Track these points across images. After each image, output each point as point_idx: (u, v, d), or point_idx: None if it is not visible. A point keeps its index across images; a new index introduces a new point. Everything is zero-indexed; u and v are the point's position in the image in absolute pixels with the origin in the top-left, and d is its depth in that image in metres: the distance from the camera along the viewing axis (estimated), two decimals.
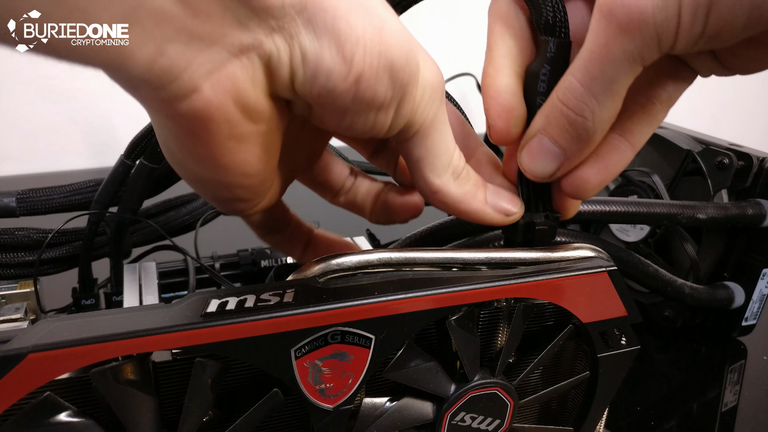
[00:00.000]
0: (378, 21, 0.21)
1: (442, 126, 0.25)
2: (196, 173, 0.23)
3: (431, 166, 0.25)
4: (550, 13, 0.25)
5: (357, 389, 0.23)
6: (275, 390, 0.22)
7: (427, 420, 0.26)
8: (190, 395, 0.21)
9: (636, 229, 0.54)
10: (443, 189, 0.26)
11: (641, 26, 0.22)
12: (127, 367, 0.21)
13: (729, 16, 0.21)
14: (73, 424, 0.21)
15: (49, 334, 0.19)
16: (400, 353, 0.24)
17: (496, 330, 0.27)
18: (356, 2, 0.21)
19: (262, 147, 0.23)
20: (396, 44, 0.21)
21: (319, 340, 0.22)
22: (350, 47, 0.20)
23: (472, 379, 0.26)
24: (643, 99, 0.26)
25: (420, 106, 0.23)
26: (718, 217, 0.47)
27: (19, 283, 0.43)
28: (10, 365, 0.18)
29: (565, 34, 0.25)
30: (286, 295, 0.22)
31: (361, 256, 0.25)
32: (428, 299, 0.23)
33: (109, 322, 0.20)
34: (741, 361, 0.51)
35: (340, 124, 0.23)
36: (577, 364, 0.30)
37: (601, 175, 0.26)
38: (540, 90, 0.26)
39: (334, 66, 0.20)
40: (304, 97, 0.22)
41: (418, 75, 0.23)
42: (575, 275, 0.25)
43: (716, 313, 0.52)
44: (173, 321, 0.20)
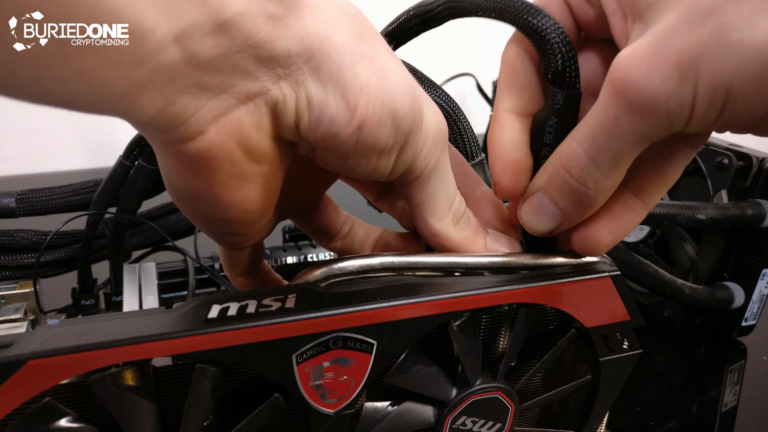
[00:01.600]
0: (382, 70, 0.22)
1: (444, 172, 0.25)
2: (197, 207, 0.24)
3: (431, 210, 0.26)
4: (560, 63, 0.24)
5: (358, 394, 0.23)
6: (276, 395, 0.22)
7: (428, 424, 0.26)
8: (190, 401, 0.21)
9: (636, 229, 0.54)
10: (443, 233, 0.26)
11: (653, 109, 0.21)
12: (127, 373, 0.21)
13: (746, 109, 0.20)
14: (73, 430, 0.20)
15: (49, 340, 0.19)
16: (401, 359, 0.24)
17: (497, 334, 0.27)
18: (361, 52, 0.22)
19: (263, 186, 0.23)
20: (399, 93, 0.22)
21: (321, 346, 0.22)
22: (354, 95, 0.21)
23: (474, 384, 0.26)
24: (659, 159, 0.25)
25: (422, 153, 0.24)
26: (718, 217, 0.47)
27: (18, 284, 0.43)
28: (10, 372, 0.18)
29: (575, 85, 0.24)
30: (287, 300, 0.22)
31: (362, 260, 0.25)
32: (430, 305, 0.23)
33: (110, 328, 0.20)
34: (741, 361, 0.51)
35: (343, 166, 0.23)
36: (579, 368, 0.30)
37: (613, 234, 0.26)
38: (546, 141, 0.25)
39: (338, 112, 0.21)
40: (308, 140, 0.22)
41: (421, 123, 0.23)
42: (578, 280, 0.25)
43: (716, 314, 0.52)
44: (174, 327, 0.20)
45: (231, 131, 0.21)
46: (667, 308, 0.53)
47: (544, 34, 0.24)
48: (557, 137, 0.25)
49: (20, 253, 0.43)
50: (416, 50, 0.35)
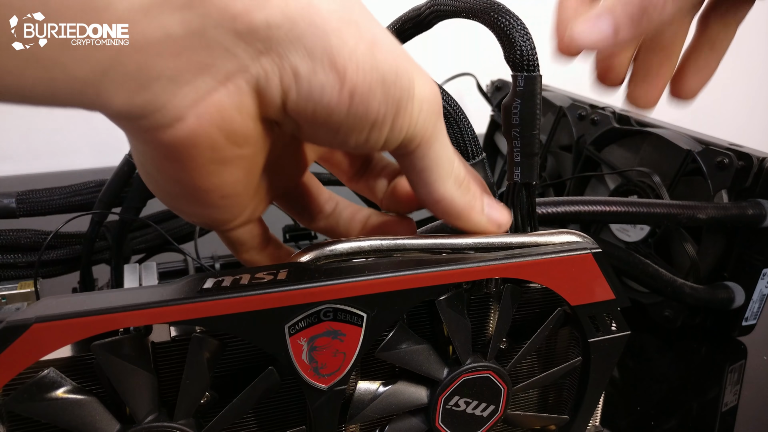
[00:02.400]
0: (370, 36, 0.21)
1: (443, 136, 0.25)
2: (174, 193, 0.23)
3: (435, 175, 0.25)
4: (518, 53, 0.26)
5: (350, 369, 0.24)
6: (270, 368, 0.23)
7: (421, 404, 0.27)
8: (187, 371, 0.22)
9: (636, 229, 0.54)
10: (447, 197, 0.26)
11: None
12: (127, 342, 0.22)
13: None
14: (75, 400, 0.21)
15: (53, 306, 0.20)
16: (391, 334, 0.25)
17: (487, 316, 0.28)
18: (347, 16, 0.21)
19: (245, 169, 0.23)
20: (389, 59, 0.22)
21: (312, 317, 0.23)
22: (342, 61, 0.20)
23: (465, 363, 0.26)
24: None
25: (419, 120, 0.23)
26: (718, 217, 0.47)
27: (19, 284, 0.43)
28: (16, 334, 0.19)
29: (534, 68, 0.26)
30: (279, 274, 0.23)
31: (352, 243, 0.25)
32: (418, 277, 0.24)
33: (112, 298, 0.21)
34: (741, 361, 0.51)
35: (333, 140, 0.23)
36: (570, 353, 0.30)
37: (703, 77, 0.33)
38: (514, 122, 0.27)
39: (327, 80, 0.20)
40: (296, 116, 0.22)
41: (413, 89, 0.23)
42: (561, 256, 0.26)
43: (716, 313, 0.52)
44: (172, 296, 0.21)
45: (212, 116, 0.20)
46: (667, 308, 0.53)
47: (507, 30, 0.26)
48: (523, 117, 0.27)
49: (21, 253, 0.43)
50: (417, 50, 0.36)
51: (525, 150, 0.27)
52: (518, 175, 0.28)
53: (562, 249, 0.26)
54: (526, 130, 0.27)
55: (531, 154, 0.27)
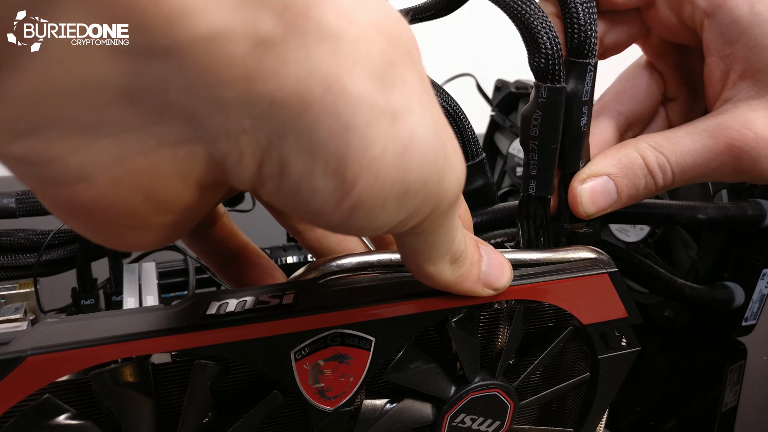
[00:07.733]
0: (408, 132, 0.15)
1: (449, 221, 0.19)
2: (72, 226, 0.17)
3: (427, 256, 0.20)
4: (543, 60, 0.25)
5: (357, 391, 0.23)
6: (275, 392, 0.22)
7: (427, 421, 0.26)
8: (189, 397, 0.21)
9: (636, 229, 0.54)
10: (436, 275, 0.21)
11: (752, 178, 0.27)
12: (126, 369, 0.21)
13: None
14: (73, 426, 0.20)
15: (49, 336, 0.19)
16: (400, 355, 0.24)
17: (496, 331, 0.27)
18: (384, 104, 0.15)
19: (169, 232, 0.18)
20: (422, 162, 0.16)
21: (319, 343, 0.22)
22: (356, 169, 0.15)
23: (473, 381, 0.26)
24: None
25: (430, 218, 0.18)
26: (718, 217, 0.47)
27: (18, 284, 0.43)
28: (10, 367, 0.18)
29: (559, 80, 0.26)
30: (285, 296, 0.22)
31: (360, 258, 0.25)
32: (428, 302, 0.23)
33: (109, 324, 0.20)
34: (741, 361, 0.51)
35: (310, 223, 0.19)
36: (578, 366, 0.30)
37: None
38: (533, 134, 0.26)
39: (325, 188, 0.15)
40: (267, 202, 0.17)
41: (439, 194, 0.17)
42: (576, 277, 0.25)
43: (716, 313, 0.52)
44: (173, 323, 0.20)
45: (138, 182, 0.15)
46: (667, 308, 0.53)
47: (534, 32, 0.24)
48: (543, 130, 0.26)
49: (20, 252, 0.43)
50: None
51: (543, 164, 0.26)
52: (533, 188, 0.27)
53: (578, 268, 0.26)
54: (546, 144, 0.26)
55: (549, 168, 0.27)
